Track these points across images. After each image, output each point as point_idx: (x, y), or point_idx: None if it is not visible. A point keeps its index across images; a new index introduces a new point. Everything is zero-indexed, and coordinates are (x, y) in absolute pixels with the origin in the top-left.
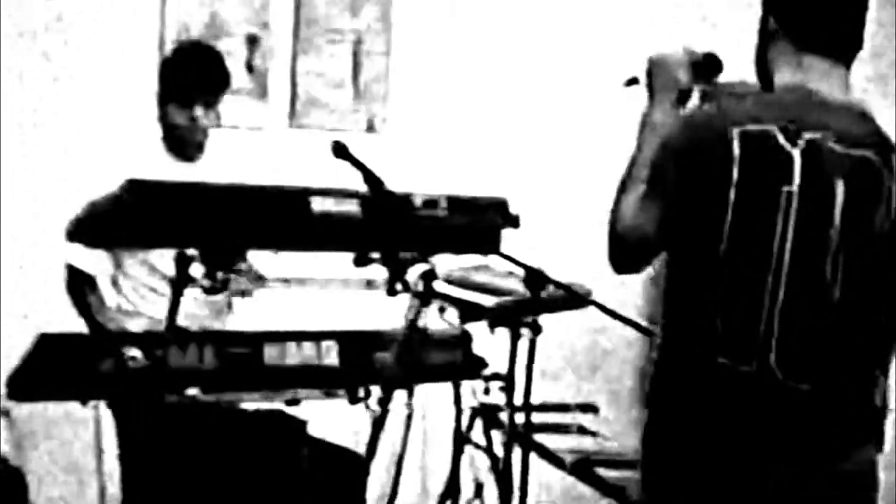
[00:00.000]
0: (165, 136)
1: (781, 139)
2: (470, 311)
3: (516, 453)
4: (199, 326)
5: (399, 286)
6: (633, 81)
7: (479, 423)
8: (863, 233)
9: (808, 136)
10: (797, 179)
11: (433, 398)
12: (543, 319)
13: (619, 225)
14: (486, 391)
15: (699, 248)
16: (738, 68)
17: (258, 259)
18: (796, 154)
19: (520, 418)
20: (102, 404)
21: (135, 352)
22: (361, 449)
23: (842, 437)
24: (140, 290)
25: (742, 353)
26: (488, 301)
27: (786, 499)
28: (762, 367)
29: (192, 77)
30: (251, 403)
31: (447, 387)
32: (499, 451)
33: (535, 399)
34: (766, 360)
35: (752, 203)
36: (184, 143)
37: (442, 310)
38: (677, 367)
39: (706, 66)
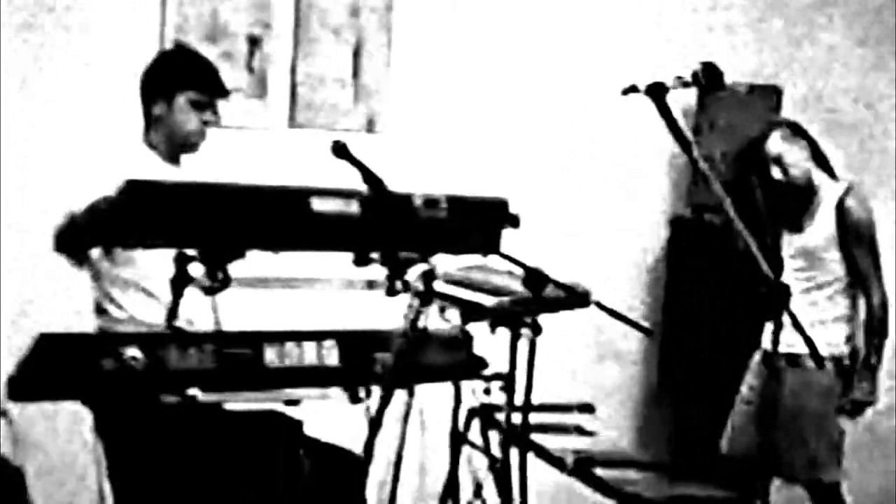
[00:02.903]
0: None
1: None
2: (470, 311)
3: (515, 453)
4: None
5: (399, 286)
6: (632, 89)
7: (477, 423)
8: None
9: None
10: None
11: (433, 398)
12: (543, 319)
13: None
14: (487, 391)
15: None
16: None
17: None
18: None
19: (517, 418)
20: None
21: (134, 352)
22: (360, 449)
23: None
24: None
25: None
26: (488, 301)
27: None
28: None
29: (199, 81)
30: (251, 404)
31: (447, 387)
32: (497, 451)
33: (535, 399)
34: None
35: None
36: (181, 148)
37: (442, 310)
38: None
39: (706, 77)
